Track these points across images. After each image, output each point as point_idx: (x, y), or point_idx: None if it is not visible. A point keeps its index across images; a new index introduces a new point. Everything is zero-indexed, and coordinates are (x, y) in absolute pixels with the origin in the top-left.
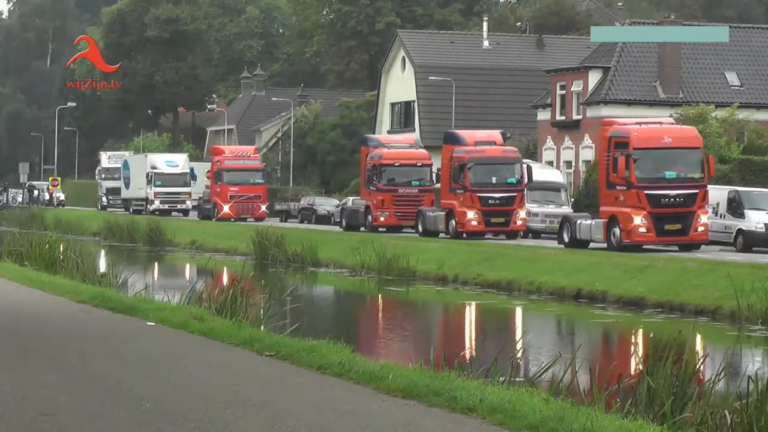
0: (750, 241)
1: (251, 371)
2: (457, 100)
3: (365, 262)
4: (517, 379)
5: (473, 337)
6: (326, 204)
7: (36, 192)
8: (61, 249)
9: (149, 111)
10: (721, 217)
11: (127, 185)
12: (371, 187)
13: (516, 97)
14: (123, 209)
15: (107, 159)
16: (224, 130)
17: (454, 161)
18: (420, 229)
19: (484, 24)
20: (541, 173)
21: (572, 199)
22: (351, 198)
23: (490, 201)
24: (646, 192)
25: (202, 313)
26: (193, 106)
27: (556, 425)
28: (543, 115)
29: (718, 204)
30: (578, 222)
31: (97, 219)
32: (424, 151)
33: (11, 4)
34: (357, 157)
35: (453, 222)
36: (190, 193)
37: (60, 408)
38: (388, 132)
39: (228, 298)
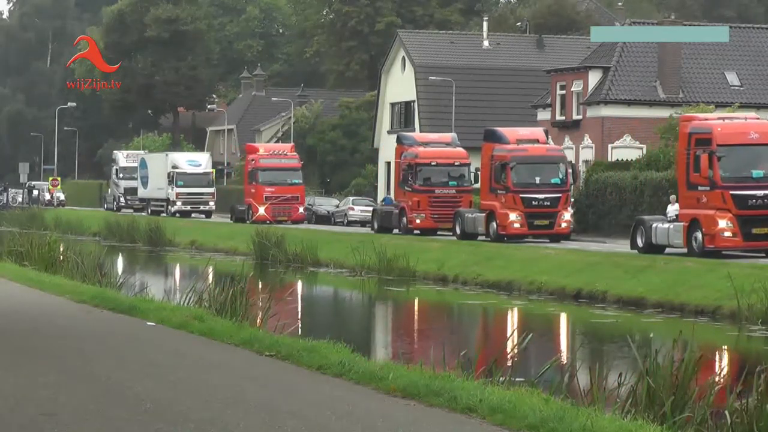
0: None
1: (251, 371)
2: (457, 100)
3: (365, 262)
4: (517, 379)
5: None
6: (326, 204)
7: (36, 192)
8: (61, 249)
9: (149, 111)
10: None
11: (144, 185)
12: (406, 188)
13: (516, 97)
14: (142, 210)
15: (125, 158)
16: (224, 130)
17: (495, 160)
18: (458, 231)
19: (484, 24)
20: None
21: (572, 199)
22: (351, 198)
23: (533, 202)
24: (731, 192)
25: (202, 313)
26: (193, 106)
27: (556, 425)
28: (543, 115)
29: None
30: (654, 226)
31: (97, 219)
32: (461, 149)
33: (11, 4)
34: (357, 157)
35: (494, 224)
36: (213, 194)
37: (60, 408)
38: (388, 132)
39: (228, 298)
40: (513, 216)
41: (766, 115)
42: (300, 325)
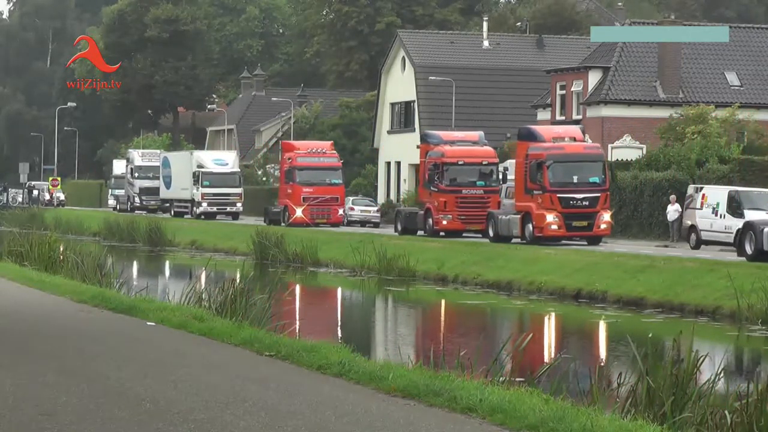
0: None
1: (251, 371)
2: (457, 100)
3: (365, 262)
4: (517, 379)
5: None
6: None
7: (36, 192)
8: (61, 249)
9: (149, 111)
10: (721, 217)
11: (167, 184)
12: (432, 188)
13: (516, 97)
14: (156, 211)
15: (140, 157)
16: (224, 130)
17: (531, 159)
18: (491, 233)
19: (484, 24)
20: None
21: None
22: (351, 198)
23: (571, 202)
24: None
25: (202, 313)
26: (193, 106)
27: (556, 425)
28: (543, 115)
29: (718, 204)
30: (766, 230)
31: (97, 219)
32: (489, 148)
33: (11, 4)
34: (357, 157)
35: (530, 226)
36: (241, 195)
37: (60, 408)
38: (388, 132)
39: (228, 298)
40: (550, 217)
41: (766, 115)
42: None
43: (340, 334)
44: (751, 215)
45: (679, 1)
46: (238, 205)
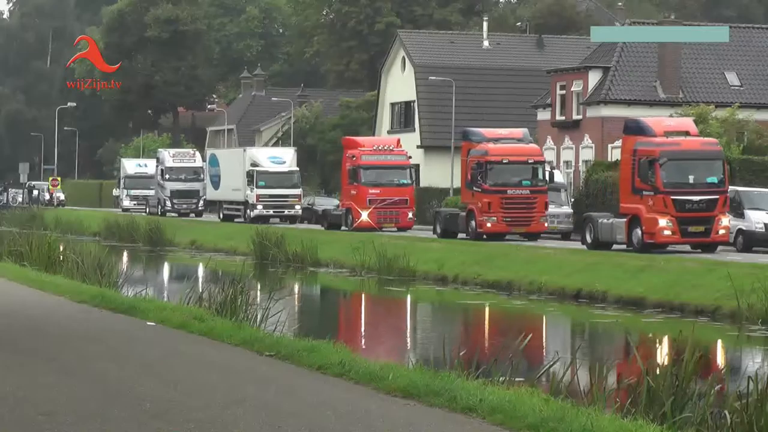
0: (750, 241)
1: (251, 371)
2: (457, 100)
3: (365, 262)
4: (517, 379)
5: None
6: (326, 204)
7: (36, 192)
8: (61, 249)
9: (149, 111)
10: None
11: (215, 185)
12: (475, 188)
13: (516, 97)
14: (188, 214)
15: (171, 158)
16: (224, 130)
17: (639, 155)
18: (589, 239)
19: (484, 24)
20: None
21: (572, 199)
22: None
23: (687, 205)
24: None
25: (202, 313)
26: (193, 106)
27: (556, 425)
28: (543, 115)
29: None
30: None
31: (97, 219)
32: (534, 146)
33: (11, 4)
34: None
35: (638, 231)
36: (300, 197)
37: (60, 408)
38: (388, 132)
39: (228, 298)
40: (663, 222)
41: (766, 115)
42: (299, 325)
43: (339, 334)
44: (751, 215)
45: (679, 1)
46: (297, 207)
